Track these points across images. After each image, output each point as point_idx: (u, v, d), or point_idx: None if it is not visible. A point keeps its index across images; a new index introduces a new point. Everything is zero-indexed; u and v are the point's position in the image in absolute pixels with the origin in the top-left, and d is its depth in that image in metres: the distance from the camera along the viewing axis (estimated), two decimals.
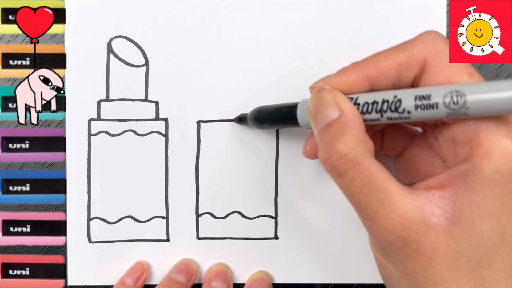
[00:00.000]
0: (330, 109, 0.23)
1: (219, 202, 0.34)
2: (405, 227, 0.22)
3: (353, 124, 0.23)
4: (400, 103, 0.22)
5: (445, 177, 0.22)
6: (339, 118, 0.23)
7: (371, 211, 0.22)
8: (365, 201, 0.22)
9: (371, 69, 0.24)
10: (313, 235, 0.34)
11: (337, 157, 0.22)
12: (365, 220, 0.23)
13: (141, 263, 0.34)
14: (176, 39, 0.33)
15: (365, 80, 0.24)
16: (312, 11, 0.33)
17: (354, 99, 0.24)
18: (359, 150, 0.22)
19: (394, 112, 0.23)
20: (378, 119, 0.23)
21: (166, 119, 0.34)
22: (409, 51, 0.23)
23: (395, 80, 0.24)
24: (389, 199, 0.22)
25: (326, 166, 0.23)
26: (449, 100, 0.21)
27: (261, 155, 0.34)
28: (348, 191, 0.23)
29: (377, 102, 0.23)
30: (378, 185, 0.22)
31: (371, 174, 0.22)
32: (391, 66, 0.24)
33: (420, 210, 0.22)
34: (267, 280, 0.33)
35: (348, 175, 0.22)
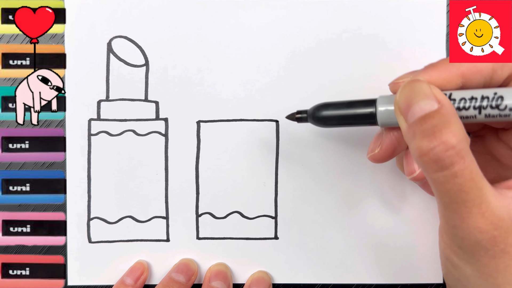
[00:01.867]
0: (428, 100, 0.22)
1: (219, 202, 0.34)
2: (497, 227, 0.21)
3: (455, 117, 0.21)
4: (502, 100, 0.22)
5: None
6: (440, 109, 0.21)
7: (466, 209, 0.21)
8: (462, 199, 0.21)
9: (465, 65, 0.23)
10: (313, 235, 0.34)
11: (444, 148, 0.21)
12: (454, 219, 0.22)
13: (141, 262, 0.34)
14: (176, 39, 0.33)
15: (459, 77, 0.23)
16: (312, 12, 0.33)
17: (447, 94, 0.23)
18: (464, 143, 0.21)
19: (494, 109, 0.22)
20: (474, 116, 0.22)
21: (166, 119, 0.34)
22: None
23: (488, 78, 0.23)
24: (485, 197, 0.21)
25: (427, 158, 0.21)
26: None
27: (261, 155, 0.34)
28: (446, 187, 0.21)
29: (476, 98, 0.22)
30: (477, 182, 0.21)
31: (473, 171, 0.21)
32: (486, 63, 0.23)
33: (508, 209, 0.22)
34: (267, 280, 0.33)
35: (451, 169, 0.21)
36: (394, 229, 0.33)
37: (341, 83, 0.33)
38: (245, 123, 0.33)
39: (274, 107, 0.33)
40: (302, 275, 0.34)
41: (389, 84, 0.26)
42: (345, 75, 0.33)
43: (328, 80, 0.33)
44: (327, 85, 0.33)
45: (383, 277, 0.34)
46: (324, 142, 0.33)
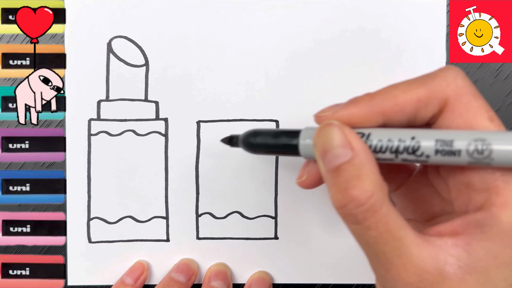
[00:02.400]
0: (340, 148, 0.21)
1: (219, 202, 0.34)
2: (422, 278, 0.21)
3: (368, 166, 0.21)
4: (418, 146, 0.21)
5: (459, 224, 0.22)
6: (352, 160, 0.21)
7: (387, 261, 0.21)
8: (381, 250, 0.21)
9: (387, 103, 0.22)
10: (313, 235, 0.34)
11: (355, 205, 0.21)
12: (379, 270, 0.22)
13: (141, 262, 0.34)
14: (176, 39, 0.33)
15: (380, 115, 0.22)
16: (312, 12, 0.33)
17: (365, 135, 0.22)
18: (377, 196, 0.21)
19: (411, 155, 0.21)
20: (391, 159, 0.22)
21: (166, 119, 0.34)
22: (430, 87, 0.22)
23: (411, 116, 0.22)
24: (405, 248, 0.21)
25: (341, 212, 0.21)
26: (473, 148, 0.20)
27: (261, 155, 0.34)
28: (363, 239, 0.21)
29: (392, 142, 0.22)
30: (394, 233, 0.21)
31: (388, 223, 0.21)
32: (409, 101, 0.22)
33: (434, 259, 0.21)
34: (267, 280, 0.33)
35: (364, 223, 0.21)
36: None
37: (341, 82, 0.33)
38: (245, 123, 0.33)
39: (274, 107, 0.33)
40: (302, 275, 0.34)
41: (314, 116, 0.25)
42: (345, 75, 0.33)
43: (328, 80, 0.33)
44: (327, 85, 0.33)
45: None
46: None
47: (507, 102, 0.34)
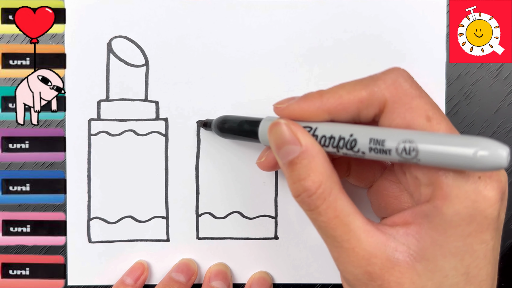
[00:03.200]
0: (291, 145, 0.24)
1: (219, 202, 0.34)
2: (370, 262, 0.22)
3: (317, 159, 0.23)
4: (355, 142, 0.23)
5: (409, 214, 0.23)
6: (301, 154, 0.23)
7: (338, 244, 0.23)
8: (332, 235, 0.23)
9: (332, 101, 0.24)
10: (313, 235, 0.34)
11: (306, 194, 0.23)
12: (333, 253, 0.24)
13: (141, 262, 0.34)
14: (176, 39, 0.33)
15: (326, 112, 0.24)
16: (312, 12, 0.33)
17: (313, 129, 0.24)
18: (325, 185, 0.23)
19: (349, 150, 0.23)
20: (334, 152, 0.24)
21: (166, 119, 0.34)
22: (371, 89, 0.23)
23: (355, 115, 0.24)
24: (354, 233, 0.23)
25: (297, 201, 0.24)
26: (401, 148, 0.21)
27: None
28: (316, 224, 0.24)
29: (334, 137, 0.24)
30: (342, 219, 0.23)
31: (336, 209, 0.23)
32: (352, 102, 0.24)
33: (384, 246, 0.22)
34: (268, 280, 0.33)
35: (316, 210, 0.23)
36: None
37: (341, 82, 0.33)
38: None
39: None
40: (302, 275, 0.34)
41: (273, 105, 0.27)
42: (345, 75, 0.33)
43: (328, 80, 0.33)
44: (327, 85, 0.33)
45: None
46: None
47: (507, 102, 0.34)
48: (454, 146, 0.20)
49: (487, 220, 0.22)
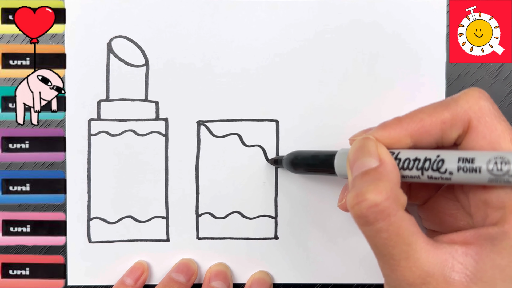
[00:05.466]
0: (370, 157, 0.23)
1: (219, 202, 0.34)
2: (425, 281, 0.22)
3: (390, 176, 0.22)
4: (442, 163, 0.22)
5: (471, 235, 0.23)
6: (377, 168, 0.23)
7: (394, 262, 0.22)
8: (389, 253, 0.22)
9: (414, 125, 0.24)
10: (313, 235, 0.34)
11: (366, 204, 0.22)
12: (385, 269, 0.23)
13: (141, 263, 0.34)
14: (176, 39, 0.33)
15: (408, 137, 0.24)
16: (312, 11, 0.33)
17: (395, 154, 0.24)
18: (391, 202, 0.22)
19: (435, 172, 0.22)
20: (418, 176, 0.23)
21: (166, 119, 0.34)
22: (454, 110, 0.23)
23: (438, 138, 0.24)
24: (414, 252, 0.22)
25: (353, 212, 0.22)
26: (492, 166, 0.21)
27: (260, 155, 0.34)
28: (372, 241, 0.23)
29: (419, 159, 0.23)
30: (405, 238, 0.22)
31: (400, 227, 0.22)
32: (434, 124, 0.23)
33: (442, 265, 0.22)
34: (267, 281, 0.33)
35: (375, 225, 0.22)
36: None
37: (342, 82, 0.33)
38: (245, 123, 0.33)
39: (274, 107, 0.33)
40: (302, 275, 0.34)
41: (349, 139, 0.27)
42: (345, 74, 0.33)
43: (328, 79, 0.33)
44: (327, 84, 0.33)
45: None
46: (325, 142, 0.33)
47: (507, 102, 0.34)
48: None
49: None
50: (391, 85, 0.33)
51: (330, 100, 0.33)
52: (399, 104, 0.33)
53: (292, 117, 0.33)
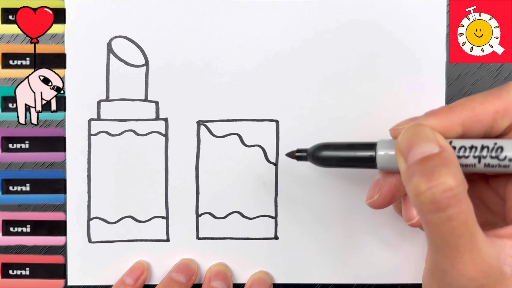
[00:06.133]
0: (429, 143, 0.22)
1: (219, 202, 0.34)
2: (486, 275, 0.21)
3: (455, 161, 0.22)
4: (501, 150, 0.22)
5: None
6: (441, 153, 0.22)
7: (458, 254, 0.21)
8: (455, 243, 0.21)
9: (466, 114, 0.23)
10: (313, 235, 0.34)
11: (442, 188, 0.20)
12: (444, 264, 0.22)
13: (141, 262, 0.34)
14: (176, 39, 0.33)
15: (459, 125, 0.23)
16: (311, 11, 0.33)
17: (448, 142, 0.23)
18: (463, 187, 0.21)
19: (494, 159, 0.22)
20: (474, 164, 0.23)
21: (166, 119, 0.34)
22: (506, 99, 0.23)
23: (488, 127, 0.23)
24: (477, 243, 0.21)
25: (424, 198, 0.21)
26: None
27: (260, 155, 0.34)
28: (440, 230, 0.21)
29: (476, 147, 0.23)
30: (470, 227, 0.21)
31: (468, 216, 0.21)
32: (487, 112, 0.23)
33: (497, 258, 0.22)
34: (267, 281, 0.33)
35: (447, 212, 0.21)
36: (395, 227, 0.33)
37: (342, 82, 0.33)
38: (245, 123, 0.33)
39: (274, 107, 0.33)
40: (302, 275, 0.34)
41: (390, 129, 0.26)
42: (345, 74, 0.33)
43: (328, 79, 0.33)
44: (327, 84, 0.33)
45: (383, 277, 0.34)
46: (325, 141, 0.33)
47: None
48: None
49: None
50: (391, 85, 0.33)
51: (330, 100, 0.33)
52: (399, 104, 0.33)
53: (292, 117, 0.33)
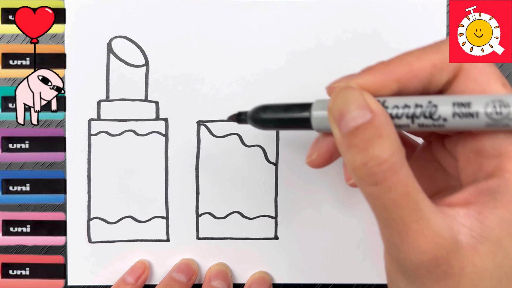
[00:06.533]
0: (359, 110, 0.21)
1: (219, 202, 0.34)
2: (439, 246, 0.20)
3: (388, 127, 0.20)
4: (435, 109, 0.21)
5: (470, 193, 0.21)
6: (372, 121, 0.20)
7: (404, 226, 0.20)
8: (399, 215, 0.20)
9: (402, 69, 0.22)
10: (313, 235, 0.34)
11: (376, 163, 0.20)
12: (394, 237, 0.21)
13: (142, 262, 0.34)
14: (176, 39, 0.33)
15: (395, 82, 0.22)
16: (312, 12, 0.33)
17: (381, 102, 0.22)
18: (398, 156, 0.20)
19: (428, 119, 0.21)
20: (407, 125, 0.21)
21: (166, 119, 0.34)
22: (445, 53, 0.22)
23: (426, 83, 0.22)
24: (423, 213, 0.20)
25: (359, 173, 0.20)
26: (491, 109, 0.20)
27: (261, 155, 0.34)
28: (380, 203, 0.21)
29: (409, 106, 0.21)
30: (413, 197, 0.20)
31: (408, 185, 0.20)
32: (424, 67, 0.22)
33: (449, 228, 0.20)
34: (267, 280, 0.33)
35: (384, 184, 0.20)
36: None
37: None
38: (244, 122, 0.33)
39: None
40: (302, 275, 0.34)
41: (326, 87, 0.24)
42: (345, 74, 0.33)
43: (328, 80, 0.33)
44: (327, 84, 0.33)
45: (383, 276, 0.34)
46: None
47: None
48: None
49: None
50: None
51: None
52: None
53: None
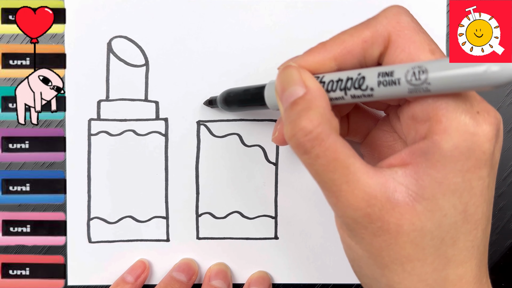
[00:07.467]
0: (296, 86, 0.23)
1: (219, 202, 0.34)
2: (369, 204, 0.22)
3: (319, 101, 0.23)
4: (363, 80, 0.22)
5: (406, 154, 0.23)
6: (304, 95, 0.23)
7: (336, 188, 0.22)
8: (330, 178, 0.22)
9: (336, 48, 0.24)
10: (313, 235, 0.34)
11: (302, 133, 0.22)
12: (330, 198, 0.23)
13: (142, 261, 0.34)
14: (176, 39, 0.33)
15: (332, 60, 0.24)
16: (310, 11, 0.33)
17: (320, 77, 0.24)
18: (324, 127, 0.22)
19: (357, 90, 0.23)
20: (342, 97, 0.23)
21: (166, 119, 0.34)
22: (373, 27, 0.23)
23: (361, 58, 0.24)
24: (353, 175, 0.22)
25: (292, 143, 0.23)
26: (411, 76, 0.21)
27: (260, 155, 0.34)
28: (313, 169, 0.23)
29: (342, 79, 0.23)
30: (342, 161, 0.22)
31: (336, 151, 0.22)
32: (356, 44, 0.24)
33: (383, 187, 0.22)
34: (267, 280, 0.33)
35: (313, 152, 0.22)
36: None
37: None
38: (245, 123, 0.33)
39: None
40: (302, 275, 0.34)
41: (278, 68, 0.26)
42: None
43: None
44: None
45: None
46: None
47: (507, 102, 0.34)
48: (464, 67, 0.20)
49: (484, 155, 0.21)
50: None
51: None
52: None
53: None
